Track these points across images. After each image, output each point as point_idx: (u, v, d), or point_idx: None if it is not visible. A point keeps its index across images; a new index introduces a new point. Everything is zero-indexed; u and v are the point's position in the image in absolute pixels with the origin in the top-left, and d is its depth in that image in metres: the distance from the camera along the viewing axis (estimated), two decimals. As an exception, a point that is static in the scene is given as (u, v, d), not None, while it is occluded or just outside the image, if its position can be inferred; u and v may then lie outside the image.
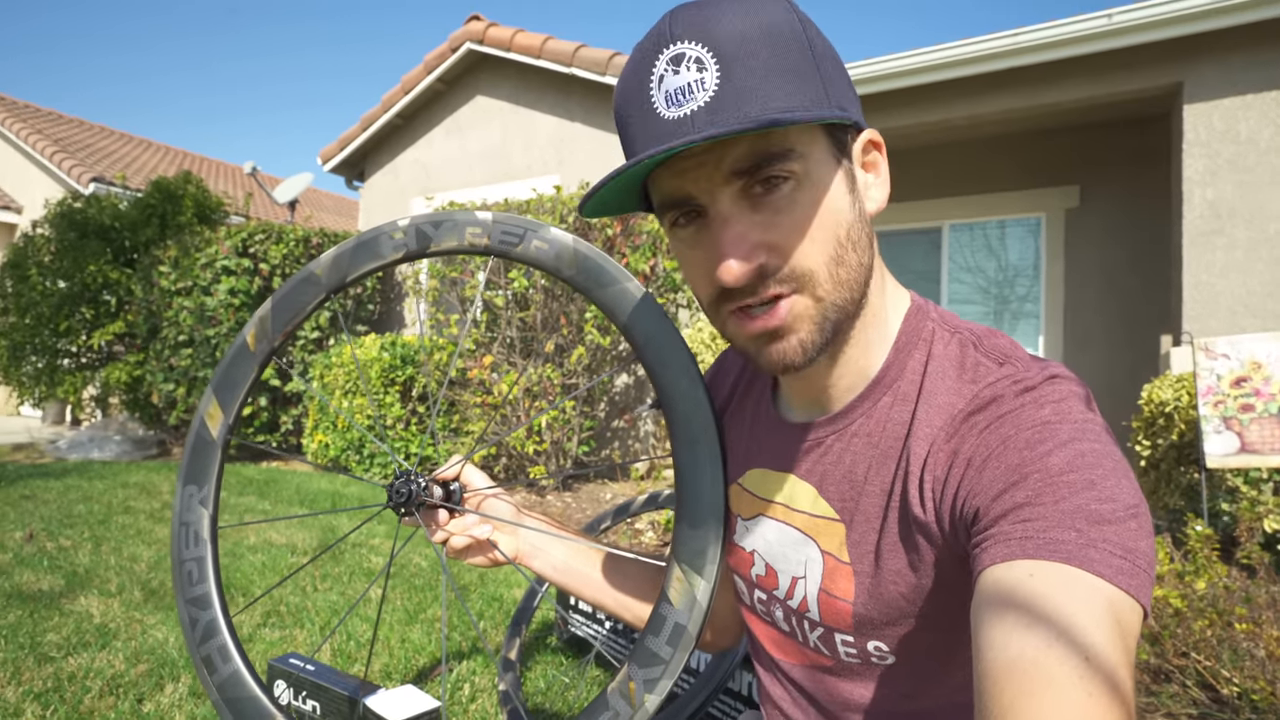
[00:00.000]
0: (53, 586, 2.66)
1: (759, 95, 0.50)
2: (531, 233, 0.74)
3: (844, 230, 0.55)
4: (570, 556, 0.83)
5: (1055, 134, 5.44)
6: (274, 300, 0.83)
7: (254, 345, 0.83)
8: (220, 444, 0.83)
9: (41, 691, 1.83)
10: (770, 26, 0.52)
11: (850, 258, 0.56)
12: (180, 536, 0.82)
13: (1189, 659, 1.85)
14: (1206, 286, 3.97)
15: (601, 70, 5.57)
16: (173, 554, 0.82)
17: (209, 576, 0.80)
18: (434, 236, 0.77)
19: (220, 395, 0.84)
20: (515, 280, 4.81)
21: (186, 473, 0.83)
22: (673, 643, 0.65)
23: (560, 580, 0.82)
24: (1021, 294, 5.75)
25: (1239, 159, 3.94)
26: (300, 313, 0.81)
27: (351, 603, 2.56)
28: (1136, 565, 0.45)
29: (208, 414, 0.84)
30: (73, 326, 6.63)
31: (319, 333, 6.19)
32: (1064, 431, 0.50)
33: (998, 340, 0.60)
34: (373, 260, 0.79)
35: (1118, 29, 3.99)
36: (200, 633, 0.79)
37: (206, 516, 0.82)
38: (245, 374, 0.83)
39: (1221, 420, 2.95)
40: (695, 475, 0.67)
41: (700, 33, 0.51)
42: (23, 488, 4.45)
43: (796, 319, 0.56)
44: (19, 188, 10.08)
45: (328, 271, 0.80)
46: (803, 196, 0.54)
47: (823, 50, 0.54)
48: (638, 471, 5.12)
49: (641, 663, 0.66)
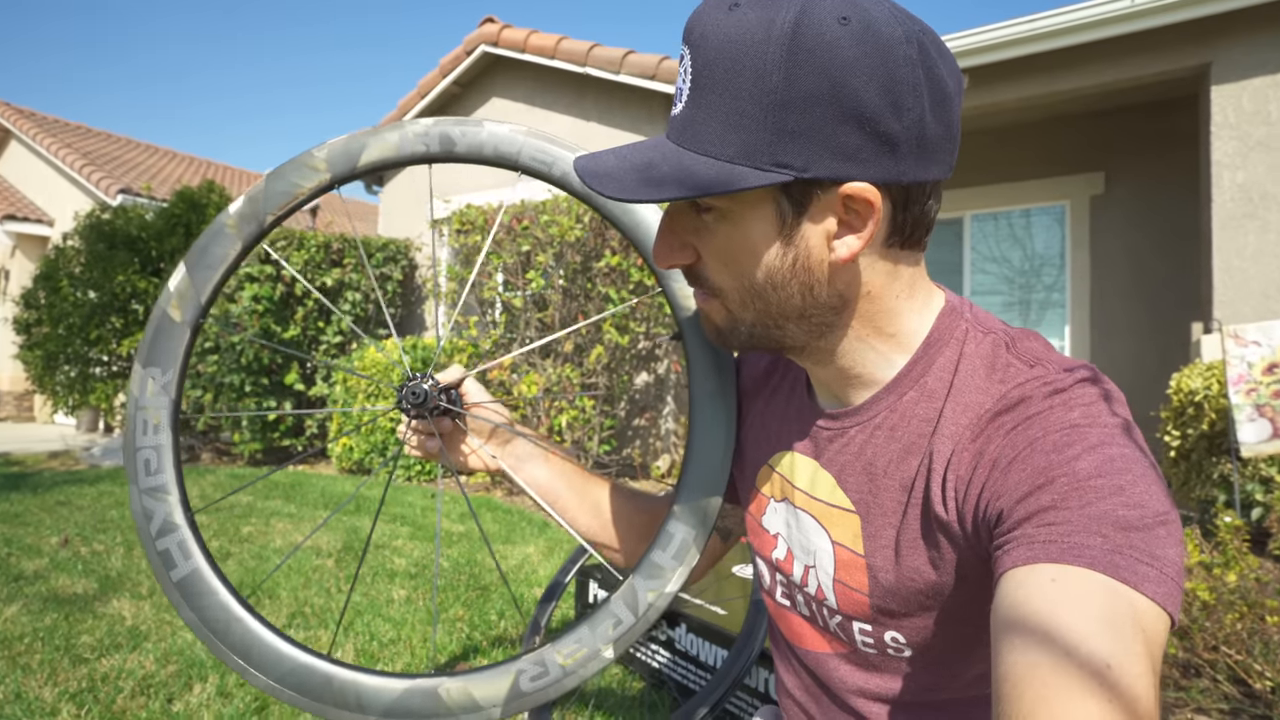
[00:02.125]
0: (87, 590, 2.72)
1: (702, 131, 0.52)
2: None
3: (763, 275, 0.56)
4: (554, 477, 0.85)
5: (1078, 120, 5.33)
6: (268, 178, 0.77)
7: (234, 226, 0.76)
8: (189, 326, 0.75)
9: (76, 692, 1.88)
10: (740, 50, 0.49)
11: (770, 296, 0.57)
12: (137, 422, 0.74)
13: (1219, 653, 1.81)
14: (1238, 271, 3.87)
15: (615, 69, 5.57)
16: (125, 442, 0.74)
17: (167, 467, 0.74)
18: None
19: (193, 272, 0.75)
20: (533, 281, 4.84)
21: (147, 354, 0.75)
22: (678, 558, 0.70)
23: (541, 494, 0.85)
24: (1047, 283, 5.65)
25: (1271, 140, 3.83)
26: (296, 198, 0.76)
27: (375, 602, 2.59)
28: (1164, 573, 0.43)
29: (176, 292, 0.75)
30: (103, 335, 6.79)
31: (341, 337, 6.27)
32: (1093, 435, 0.49)
33: (1031, 342, 0.59)
34: (384, 152, 0.76)
35: (1141, 10, 3.90)
36: (157, 526, 0.73)
37: (169, 402, 0.74)
38: (224, 253, 0.76)
39: (1254, 408, 2.88)
40: (711, 404, 0.72)
41: (693, 38, 0.52)
42: (58, 494, 4.56)
43: (713, 311, 0.61)
44: (50, 201, 10.34)
45: (332, 160, 0.76)
46: (722, 230, 0.56)
47: (805, 93, 0.49)
48: (659, 469, 5.12)
49: (647, 574, 0.70)
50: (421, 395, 0.75)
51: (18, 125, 10.44)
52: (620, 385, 5.11)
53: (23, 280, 9.81)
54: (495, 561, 0.71)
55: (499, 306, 5.39)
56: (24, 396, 10.45)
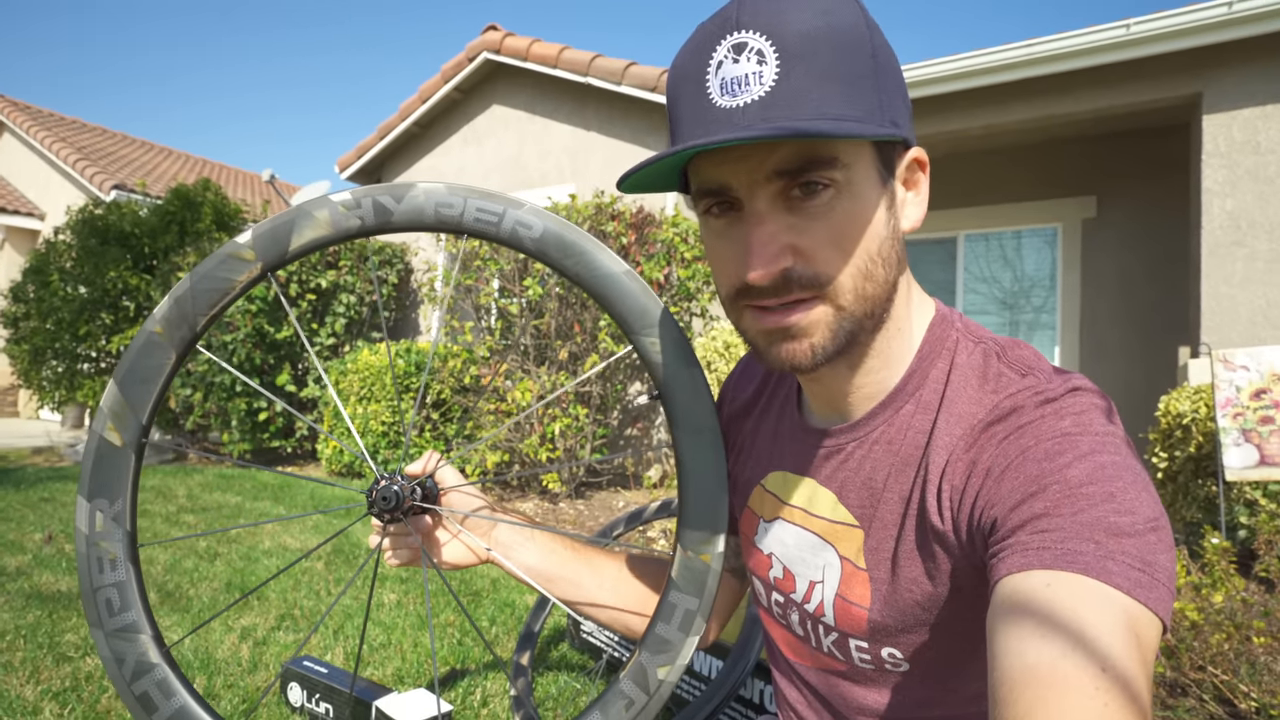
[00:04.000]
0: (71, 588, 2.69)
1: (814, 99, 0.50)
2: (512, 209, 0.71)
3: (875, 246, 0.55)
4: (544, 558, 0.80)
5: (1072, 144, 5.41)
6: (193, 277, 0.70)
7: (163, 333, 0.69)
8: (133, 448, 0.69)
9: (59, 690, 1.86)
10: (838, 29, 0.51)
11: (878, 273, 0.56)
12: (90, 560, 0.68)
13: (1206, 673, 1.82)
14: (1226, 298, 3.93)
15: (617, 80, 5.61)
16: (82, 583, 0.68)
17: (134, 603, 0.68)
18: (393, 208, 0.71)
19: (126, 389, 0.69)
20: (530, 288, 4.84)
21: (90, 485, 0.68)
22: (684, 628, 0.67)
23: (531, 581, 0.80)
24: (1038, 305, 5.71)
25: (1260, 170, 3.90)
26: (227, 293, 0.70)
27: (365, 607, 2.58)
28: (1155, 579, 0.44)
29: (111, 413, 0.69)
30: (92, 331, 6.73)
31: (334, 339, 6.25)
32: (1084, 443, 0.50)
33: (1021, 351, 0.60)
34: (314, 231, 0.71)
35: (1135, 39, 3.98)
36: (130, 669, 0.67)
37: (123, 534, 0.68)
38: (158, 364, 0.70)
39: (1241, 432, 2.91)
40: (699, 464, 0.68)
41: (767, 24, 0.50)
42: (42, 490, 4.51)
43: (813, 324, 0.56)
44: (42, 195, 10.27)
45: (261, 248, 0.70)
46: (840, 206, 0.53)
47: (885, 61, 0.53)
48: (650, 479, 5.12)
49: (654, 650, 0.67)
50: (393, 499, 0.70)
51: (11, 118, 10.38)
52: (614, 394, 5.11)
53: (11, 274, 9.73)
54: (473, 625, 0.69)
55: (494, 313, 5.39)
56: (8, 391, 10.33)
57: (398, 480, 0.72)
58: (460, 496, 0.78)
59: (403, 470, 0.75)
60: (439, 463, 0.78)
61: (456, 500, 0.78)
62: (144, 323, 0.74)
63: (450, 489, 0.78)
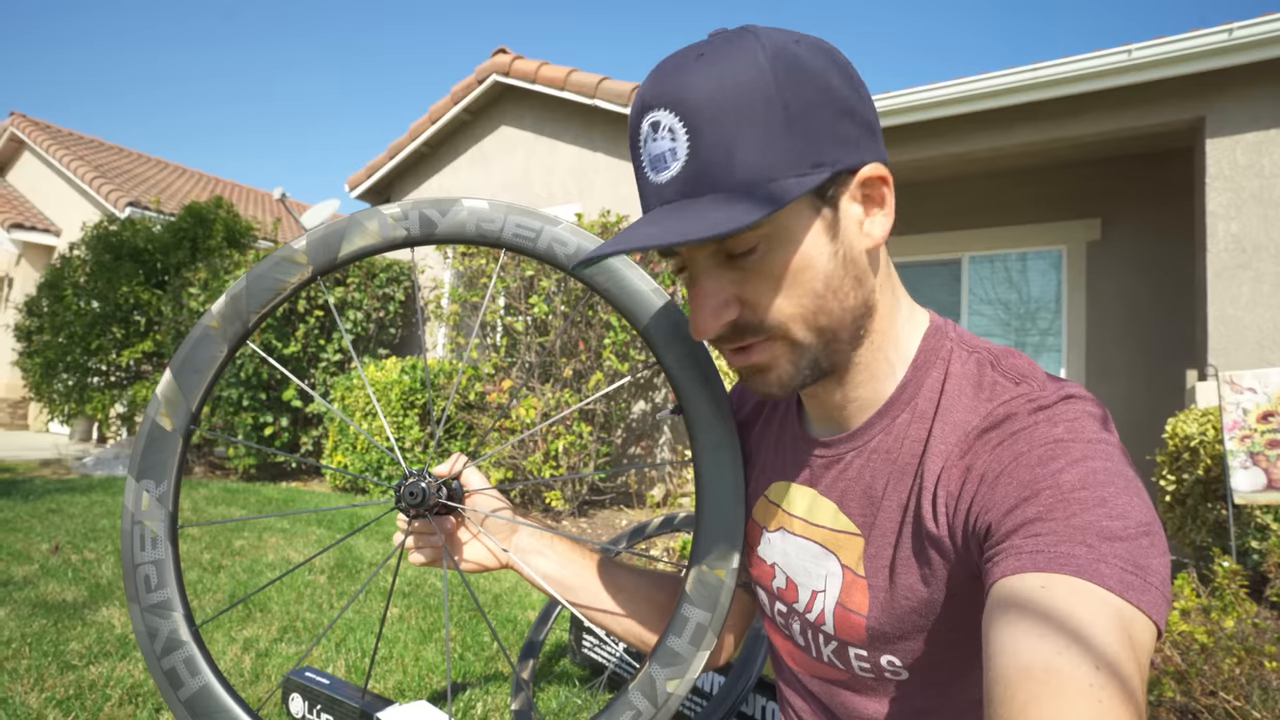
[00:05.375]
0: (76, 597, 2.70)
1: (725, 166, 0.52)
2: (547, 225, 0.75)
3: (821, 282, 0.56)
4: (561, 566, 0.81)
5: (1076, 167, 5.44)
6: (249, 276, 0.74)
7: (219, 327, 0.74)
8: (181, 434, 0.73)
9: (64, 699, 1.86)
10: (740, 86, 0.52)
11: (831, 305, 0.57)
12: (134, 537, 0.72)
13: (1218, 698, 1.80)
14: (1232, 320, 3.92)
15: (624, 102, 5.68)
16: (124, 557, 0.72)
17: (169, 581, 0.71)
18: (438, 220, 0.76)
19: (180, 377, 0.73)
20: (535, 306, 4.87)
21: (139, 467, 0.72)
22: (695, 642, 0.67)
23: (547, 588, 0.81)
24: (1043, 327, 5.70)
25: (1264, 193, 3.91)
26: (279, 293, 0.74)
27: (368, 619, 2.57)
28: (1148, 582, 0.45)
29: (165, 399, 0.73)
30: (103, 345, 6.79)
31: (341, 355, 6.28)
32: (1076, 449, 0.51)
33: (1015, 360, 0.61)
34: (362, 240, 0.75)
35: (1138, 64, 4.01)
36: (161, 644, 0.70)
37: (165, 515, 0.72)
38: (210, 356, 0.73)
39: (1248, 455, 2.89)
40: (718, 480, 0.69)
41: (672, 100, 0.53)
42: (50, 502, 4.53)
43: (773, 359, 0.59)
44: (59, 212, 10.42)
45: (313, 253, 0.74)
46: (773, 256, 0.55)
47: (805, 103, 0.53)
48: (653, 498, 5.10)
49: (663, 662, 0.67)
50: (420, 494, 0.73)
51: (32, 137, 10.56)
52: (618, 412, 5.11)
53: (26, 288, 9.84)
54: (494, 634, 0.70)
55: (500, 330, 5.41)
56: (19, 404, 10.41)
57: (425, 477, 0.74)
58: (484, 499, 0.80)
59: (430, 469, 0.77)
60: (465, 465, 0.80)
61: (480, 503, 0.80)
62: (201, 317, 0.78)
63: (475, 491, 0.80)
